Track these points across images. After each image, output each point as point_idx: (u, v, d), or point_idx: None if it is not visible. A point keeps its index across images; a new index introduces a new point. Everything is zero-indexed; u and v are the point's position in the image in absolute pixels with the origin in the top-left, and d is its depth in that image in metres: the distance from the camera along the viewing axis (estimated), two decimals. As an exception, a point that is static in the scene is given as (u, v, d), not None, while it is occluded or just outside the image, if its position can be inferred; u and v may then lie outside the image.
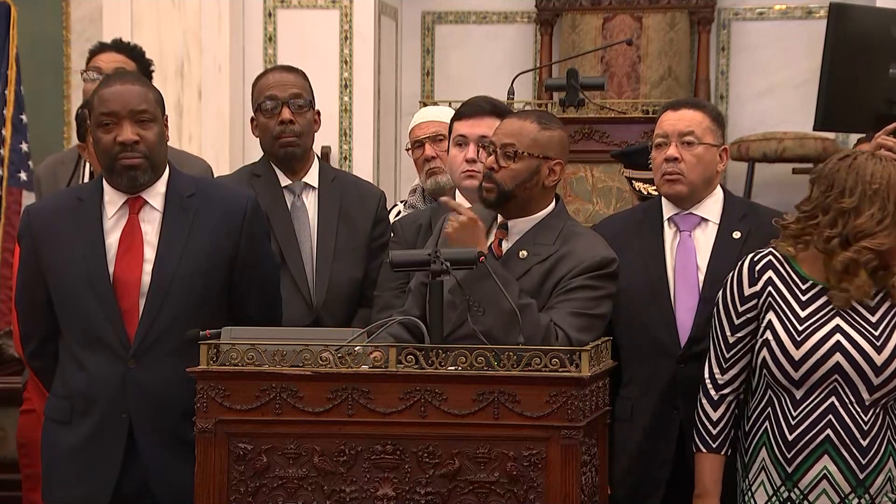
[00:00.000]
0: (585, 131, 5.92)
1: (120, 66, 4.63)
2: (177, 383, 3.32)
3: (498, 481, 3.04)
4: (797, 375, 3.32)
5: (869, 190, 3.29)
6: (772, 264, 3.41)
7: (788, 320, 3.35)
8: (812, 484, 3.31)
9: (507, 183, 3.47)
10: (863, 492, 3.30)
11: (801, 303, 3.36)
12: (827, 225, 3.32)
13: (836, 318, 3.33)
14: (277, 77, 4.28)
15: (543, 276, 3.42)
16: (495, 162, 3.47)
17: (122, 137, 3.48)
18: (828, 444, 3.30)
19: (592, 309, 3.38)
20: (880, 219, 3.28)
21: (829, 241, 3.31)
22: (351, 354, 3.07)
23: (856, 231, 3.29)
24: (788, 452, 3.33)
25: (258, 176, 4.26)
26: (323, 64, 7.54)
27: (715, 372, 3.48)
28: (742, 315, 3.43)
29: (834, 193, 3.32)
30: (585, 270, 3.40)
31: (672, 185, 3.80)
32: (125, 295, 3.49)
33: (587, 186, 5.98)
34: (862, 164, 3.32)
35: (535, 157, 3.46)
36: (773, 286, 3.39)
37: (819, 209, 3.34)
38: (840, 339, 3.30)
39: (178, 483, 3.32)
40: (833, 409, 3.30)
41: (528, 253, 3.45)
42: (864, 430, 3.30)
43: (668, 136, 3.80)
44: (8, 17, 6.15)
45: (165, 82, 7.04)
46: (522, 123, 3.51)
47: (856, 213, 3.29)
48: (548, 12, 8.29)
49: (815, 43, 7.09)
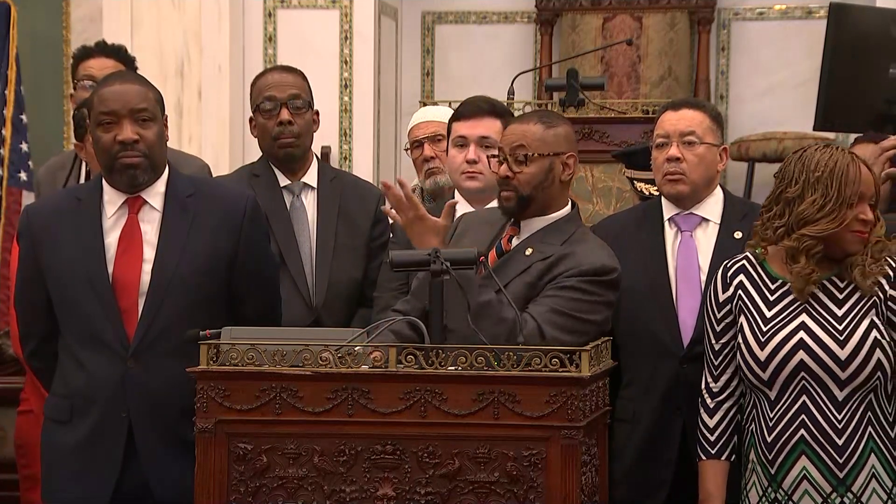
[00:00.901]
0: (585, 131, 5.92)
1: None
2: (176, 383, 3.32)
3: (498, 481, 3.04)
4: (766, 376, 3.32)
5: (812, 177, 3.29)
6: (744, 268, 3.42)
7: (755, 321, 3.35)
8: (794, 485, 3.30)
9: (525, 188, 3.46)
10: (844, 490, 3.27)
11: (769, 303, 3.36)
12: (777, 216, 3.33)
13: (803, 314, 3.32)
14: (276, 77, 4.28)
15: (541, 273, 3.41)
16: (508, 170, 3.47)
17: (122, 136, 3.48)
18: (803, 445, 3.28)
19: (581, 312, 3.36)
20: (822, 205, 3.27)
21: (776, 231, 3.32)
22: (351, 354, 3.07)
23: (798, 219, 3.29)
24: (769, 454, 3.33)
25: (257, 176, 4.26)
26: (323, 64, 7.55)
27: (709, 380, 3.49)
28: (721, 321, 3.44)
29: (784, 184, 3.34)
30: (581, 273, 3.38)
31: (674, 184, 3.80)
32: (124, 295, 3.49)
33: (587, 186, 5.98)
34: (810, 154, 3.33)
35: (546, 156, 3.46)
36: (742, 290, 3.39)
37: (773, 202, 3.36)
38: (803, 337, 3.29)
39: (178, 482, 3.32)
40: (805, 409, 3.29)
41: (534, 251, 3.45)
42: (839, 428, 3.27)
43: (670, 136, 3.80)
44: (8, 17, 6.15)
45: (165, 82, 7.04)
46: (527, 126, 3.50)
47: (800, 201, 3.30)
48: (548, 12, 8.29)
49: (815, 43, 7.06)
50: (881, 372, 3.29)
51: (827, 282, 3.34)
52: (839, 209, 3.27)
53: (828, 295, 3.33)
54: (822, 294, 3.33)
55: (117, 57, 4.77)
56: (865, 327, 3.29)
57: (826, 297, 3.33)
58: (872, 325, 3.30)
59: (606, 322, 3.46)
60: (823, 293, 3.33)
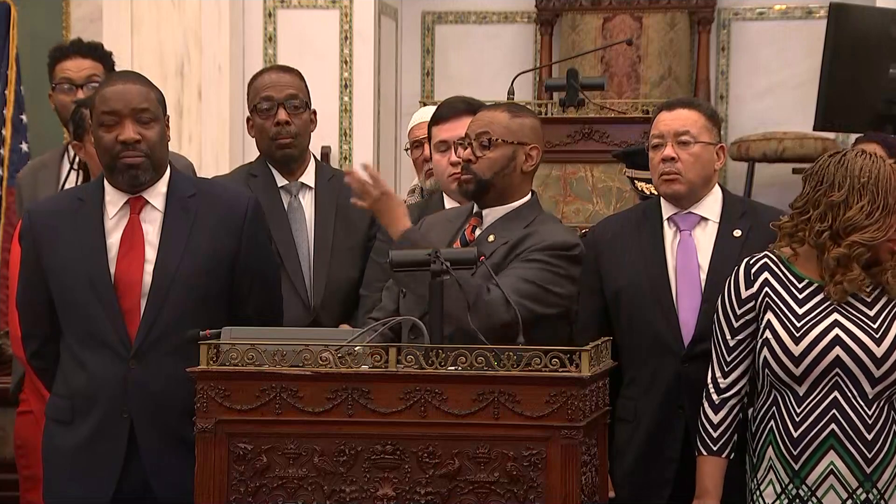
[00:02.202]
0: (585, 131, 5.92)
1: (91, 73, 4.66)
2: (177, 383, 3.32)
3: (498, 481, 3.04)
4: (798, 371, 3.33)
5: (857, 183, 3.30)
6: (767, 266, 3.43)
7: (787, 318, 3.36)
8: (819, 480, 3.32)
9: (485, 172, 3.52)
10: (870, 486, 3.31)
11: (799, 301, 3.38)
12: (818, 219, 3.34)
13: (834, 313, 3.34)
14: (273, 77, 4.28)
15: (506, 252, 3.47)
16: (472, 154, 3.53)
17: (124, 136, 3.48)
18: (833, 439, 3.31)
19: (547, 283, 3.42)
20: (870, 211, 3.29)
21: (821, 236, 3.33)
22: (351, 354, 3.07)
23: (846, 225, 3.30)
24: (794, 449, 3.34)
25: (255, 176, 4.26)
26: (323, 64, 7.55)
27: (717, 376, 3.49)
28: (741, 318, 3.44)
29: (824, 188, 3.34)
30: (546, 248, 3.45)
31: (670, 184, 3.80)
32: (126, 295, 3.49)
33: (587, 186, 5.97)
34: (851, 159, 3.35)
35: (509, 143, 3.53)
36: (769, 287, 3.41)
37: (810, 204, 3.36)
38: (839, 333, 3.32)
39: (179, 482, 3.31)
40: (836, 404, 3.32)
41: (496, 237, 3.51)
42: (869, 424, 3.31)
43: (664, 136, 3.80)
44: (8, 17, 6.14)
45: (165, 82, 7.04)
46: (493, 114, 3.58)
47: (845, 207, 3.31)
48: (548, 12, 8.29)
49: (815, 43, 7.09)
50: None
51: None
52: (885, 217, 3.30)
53: (856, 297, 3.36)
54: (851, 297, 3.36)
55: (94, 56, 4.77)
56: None
57: (855, 299, 3.36)
58: None
59: (572, 298, 3.52)
60: (852, 296, 3.36)
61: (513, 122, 3.54)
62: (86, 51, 4.78)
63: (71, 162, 4.58)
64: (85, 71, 4.69)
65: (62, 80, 4.72)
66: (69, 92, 4.67)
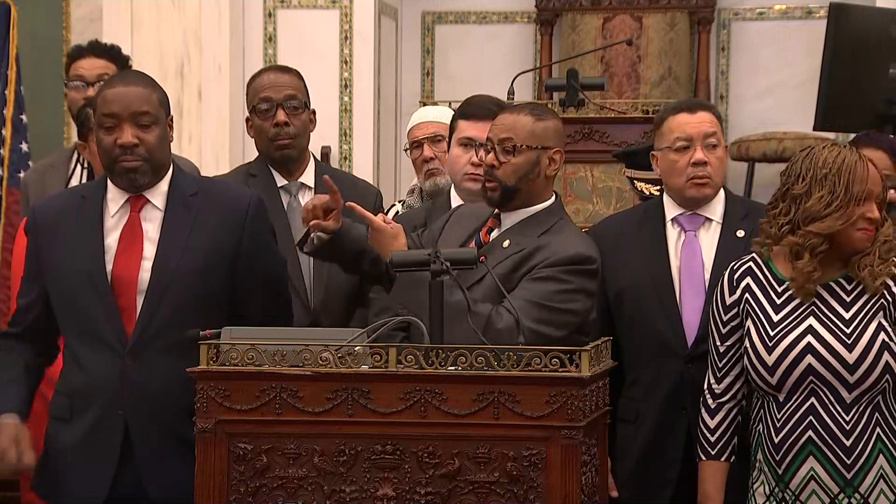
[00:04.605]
0: (585, 131, 5.93)
1: (103, 73, 4.70)
2: (173, 381, 3.32)
3: (498, 481, 3.04)
4: (774, 381, 3.32)
5: (819, 174, 3.28)
6: (751, 270, 3.42)
7: (762, 326, 3.35)
8: (801, 485, 3.31)
9: (510, 178, 3.47)
10: (852, 491, 3.28)
11: (776, 306, 3.35)
12: (783, 213, 3.32)
13: (810, 317, 3.32)
14: (272, 78, 4.27)
15: (516, 264, 3.41)
16: (495, 159, 3.48)
17: (122, 140, 3.47)
18: (811, 446, 3.29)
19: (558, 302, 3.36)
20: (829, 201, 3.26)
21: (781, 228, 3.31)
22: (351, 354, 3.07)
23: (805, 215, 3.28)
24: (777, 454, 3.33)
25: (254, 176, 4.25)
26: (323, 64, 7.55)
27: (712, 381, 3.49)
28: (727, 324, 3.44)
29: (790, 181, 3.33)
30: (556, 263, 3.38)
31: (701, 188, 3.76)
32: (123, 292, 3.48)
33: (587, 186, 5.98)
34: (818, 152, 3.32)
35: (533, 148, 3.47)
36: (749, 293, 3.39)
37: (780, 199, 3.35)
38: (811, 341, 3.29)
39: (174, 480, 3.32)
40: (813, 411, 3.29)
41: (511, 243, 3.46)
42: (847, 430, 3.28)
43: (693, 139, 3.75)
44: (8, 17, 6.14)
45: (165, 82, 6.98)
46: (517, 117, 3.51)
47: (806, 197, 3.29)
48: (548, 12, 8.29)
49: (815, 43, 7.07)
50: (889, 374, 3.30)
51: (834, 284, 3.34)
52: (846, 206, 3.26)
53: (835, 297, 3.33)
54: (830, 296, 3.33)
55: (109, 56, 4.82)
56: (873, 330, 3.29)
57: (833, 299, 3.33)
58: (880, 328, 3.30)
59: (587, 312, 3.45)
60: (830, 295, 3.34)
61: (536, 126, 3.48)
62: (101, 51, 4.85)
63: (79, 161, 4.62)
64: (97, 69, 4.75)
65: (74, 77, 4.81)
66: (81, 89, 4.74)
